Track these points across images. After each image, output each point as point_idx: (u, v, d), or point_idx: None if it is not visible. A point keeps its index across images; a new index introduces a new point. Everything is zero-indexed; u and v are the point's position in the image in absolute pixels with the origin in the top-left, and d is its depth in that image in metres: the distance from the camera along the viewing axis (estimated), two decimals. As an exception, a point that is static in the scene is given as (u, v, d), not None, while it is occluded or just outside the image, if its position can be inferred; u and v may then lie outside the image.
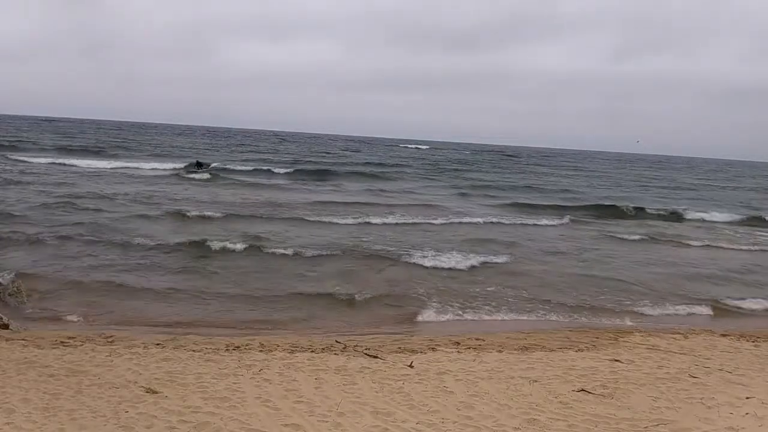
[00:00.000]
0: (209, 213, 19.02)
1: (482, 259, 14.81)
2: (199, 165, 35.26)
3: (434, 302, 11.29)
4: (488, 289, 12.46)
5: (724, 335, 10.06)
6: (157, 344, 8.09)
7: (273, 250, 14.48)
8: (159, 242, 14.52)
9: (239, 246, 14.48)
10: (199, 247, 14.25)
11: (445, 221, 21.05)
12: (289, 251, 14.43)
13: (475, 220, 21.86)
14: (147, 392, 6.16)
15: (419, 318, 10.62)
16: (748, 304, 12.66)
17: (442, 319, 10.61)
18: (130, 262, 12.85)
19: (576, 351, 8.69)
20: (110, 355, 7.45)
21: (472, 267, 14.10)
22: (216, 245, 14.34)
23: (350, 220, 19.62)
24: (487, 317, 10.86)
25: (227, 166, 36.15)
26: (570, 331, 10.13)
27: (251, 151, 59.78)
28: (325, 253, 14.56)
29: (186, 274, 12.34)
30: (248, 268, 13.00)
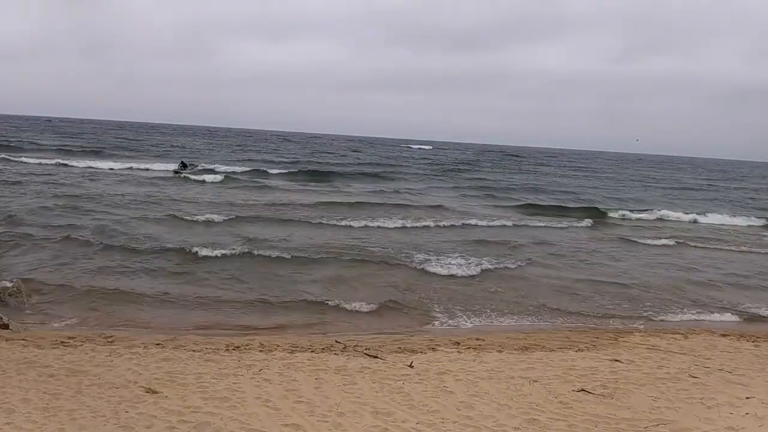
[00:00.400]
0: (211, 216, 18.67)
1: (491, 264, 14.48)
2: (184, 166, 35.21)
3: (439, 310, 10.99)
4: (496, 296, 12.10)
5: (724, 335, 10.07)
6: (157, 344, 8.09)
7: (277, 254, 14.16)
8: (160, 245, 14.31)
9: (241, 250, 14.19)
10: (201, 250, 13.90)
11: (453, 223, 20.63)
12: (293, 255, 14.11)
13: (484, 222, 21.44)
14: (147, 392, 6.17)
15: (423, 326, 10.29)
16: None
17: (446, 327, 10.27)
18: (130, 265, 12.69)
19: (576, 351, 8.69)
20: (110, 355, 7.45)
21: (481, 272, 13.74)
22: (218, 249, 14.05)
23: (356, 223, 19.26)
24: (495, 324, 10.57)
25: (219, 167, 35.42)
26: (570, 331, 10.14)
27: (253, 151, 59.53)
28: (329, 257, 14.25)
29: (187, 277, 12.12)
30: (252, 273, 12.71)
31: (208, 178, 30.55)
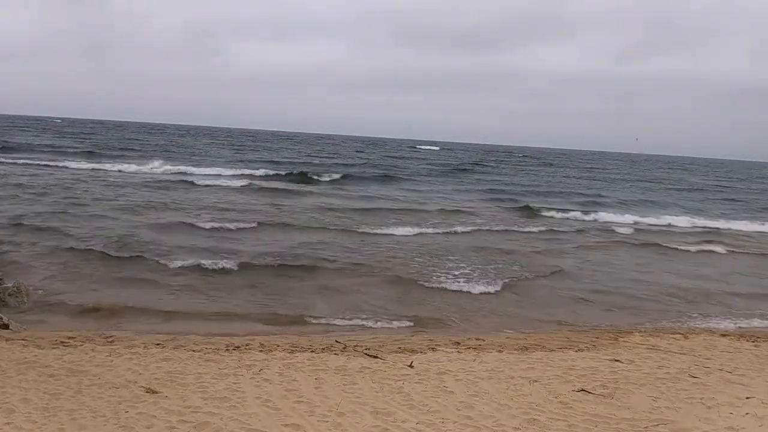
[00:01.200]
0: (220, 223, 17.75)
1: (515, 275, 13.67)
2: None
3: (466, 327, 10.30)
4: (521, 313, 11.23)
5: (724, 335, 10.07)
6: (157, 344, 8.09)
7: (284, 263, 13.49)
8: (165, 251, 13.81)
9: (248, 260, 13.41)
10: (206, 260, 13.21)
11: (474, 228, 19.94)
12: (305, 265, 13.41)
13: (505, 227, 20.70)
14: (147, 392, 6.17)
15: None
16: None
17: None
18: (132, 271, 12.34)
19: (576, 351, 8.69)
20: (110, 355, 7.45)
21: (503, 286, 12.80)
22: (225, 259, 13.31)
23: (370, 229, 18.38)
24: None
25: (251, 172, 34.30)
26: (570, 331, 10.13)
27: (255, 151, 58.95)
28: (344, 267, 13.50)
29: (191, 287, 11.58)
30: (261, 285, 12.03)
31: (216, 181, 29.81)
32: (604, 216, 25.74)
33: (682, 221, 26.13)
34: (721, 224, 26.07)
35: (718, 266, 17.03)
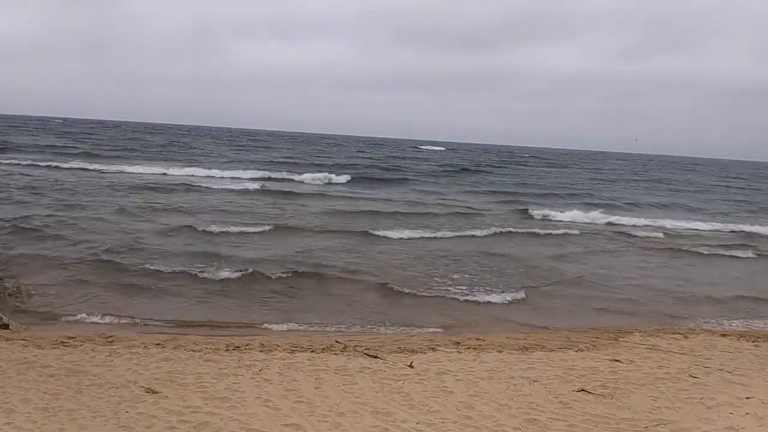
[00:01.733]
0: (223, 226, 17.26)
1: (534, 283, 13.13)
2: None
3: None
4: (523, 320, 10.81)
5: (724, 335, 10.07)
6: (157, 344, 8.10)
7: (293, 267, 13.10)
8: (167, 256, 13.54)
9: (254, 268, 12.83)
10: (208, 263, 12.98)
11: (481, 231, 19.55)
12: (313, 272, 13.01)
13: (517, 230, 20.40)
14: (147, 392, 6.17)
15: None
16: None
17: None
18: (133, 273, 12.18)
19: (576, 351, 8.69)
20: (110, 355, 7.46)
21: (512, 293, 12.30)
22: (228, 264, 12.99)
23: (382, 233, 17.89)
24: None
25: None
26: (570, 331, 10.12)
27: (259, 152, 58.57)
28: (353, 276, 13.05)
29: (192, 287, 11.48)
30: (266, 287, 11.81)
31: (217, 183, 29.44)
32: (618, 219, 25.13)
33: (700, 224, 25.55)
34: (737, 227, 25.29)
35: (742, 270, 16.66)
